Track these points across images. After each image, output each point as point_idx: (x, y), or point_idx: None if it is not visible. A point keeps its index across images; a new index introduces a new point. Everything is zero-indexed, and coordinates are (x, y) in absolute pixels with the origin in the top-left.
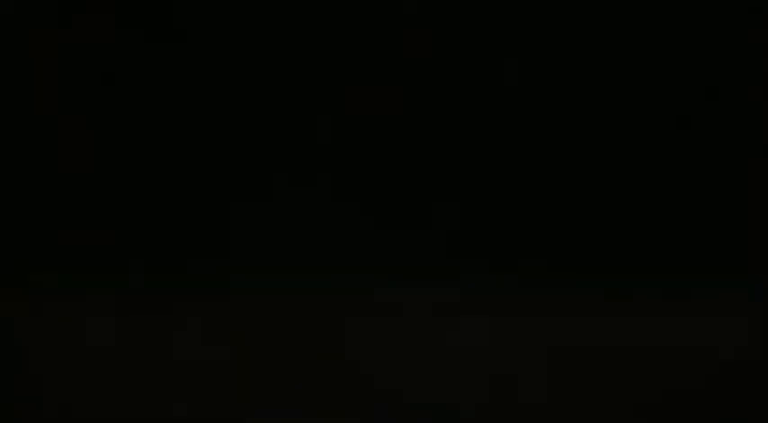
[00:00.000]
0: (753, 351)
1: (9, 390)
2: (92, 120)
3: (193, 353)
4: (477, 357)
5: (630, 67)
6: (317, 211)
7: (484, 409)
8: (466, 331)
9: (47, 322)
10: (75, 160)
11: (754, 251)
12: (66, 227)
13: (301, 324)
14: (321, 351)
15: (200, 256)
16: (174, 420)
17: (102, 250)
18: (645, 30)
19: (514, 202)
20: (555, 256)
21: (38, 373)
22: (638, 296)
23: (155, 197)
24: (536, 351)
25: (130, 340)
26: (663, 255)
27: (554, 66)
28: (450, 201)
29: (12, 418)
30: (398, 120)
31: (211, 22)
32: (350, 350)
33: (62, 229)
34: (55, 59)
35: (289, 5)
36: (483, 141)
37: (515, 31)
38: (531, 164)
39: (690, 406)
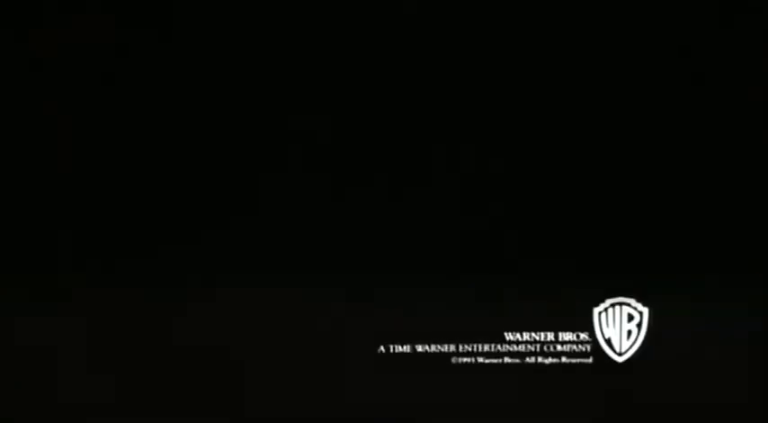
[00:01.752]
0: (753, 352)
1: (9, 389)
2: (92, 120)
3: (193, 352)
4: (478, 357)
5: (631, 68)
6: (317, 210)
7: (487, 408)
8: (466, 331)
9: (47, 322)
10: (74, 160)
11: (754, 251)
12: (65, 227)
13: (301, 324)
14: (320, 350)
15: (200, 255)
16: (173, 419)
17: (102, 250)
18: (645, 30)
19: (514, 201)
20: (555, 255)
21: (38, 373)
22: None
23: (154, 197)
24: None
25: (130, 340)
26: (663, 255)
27: (554, 66)
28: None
29: (11, 418)
30: (398, 119)
31: (211, 22)
32: (350, 350)
33: (62, 229)
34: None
35: (288, 5)
36: (482, 141)
37: (515, 31)
38: (530, 164)
39: (687, 408)
